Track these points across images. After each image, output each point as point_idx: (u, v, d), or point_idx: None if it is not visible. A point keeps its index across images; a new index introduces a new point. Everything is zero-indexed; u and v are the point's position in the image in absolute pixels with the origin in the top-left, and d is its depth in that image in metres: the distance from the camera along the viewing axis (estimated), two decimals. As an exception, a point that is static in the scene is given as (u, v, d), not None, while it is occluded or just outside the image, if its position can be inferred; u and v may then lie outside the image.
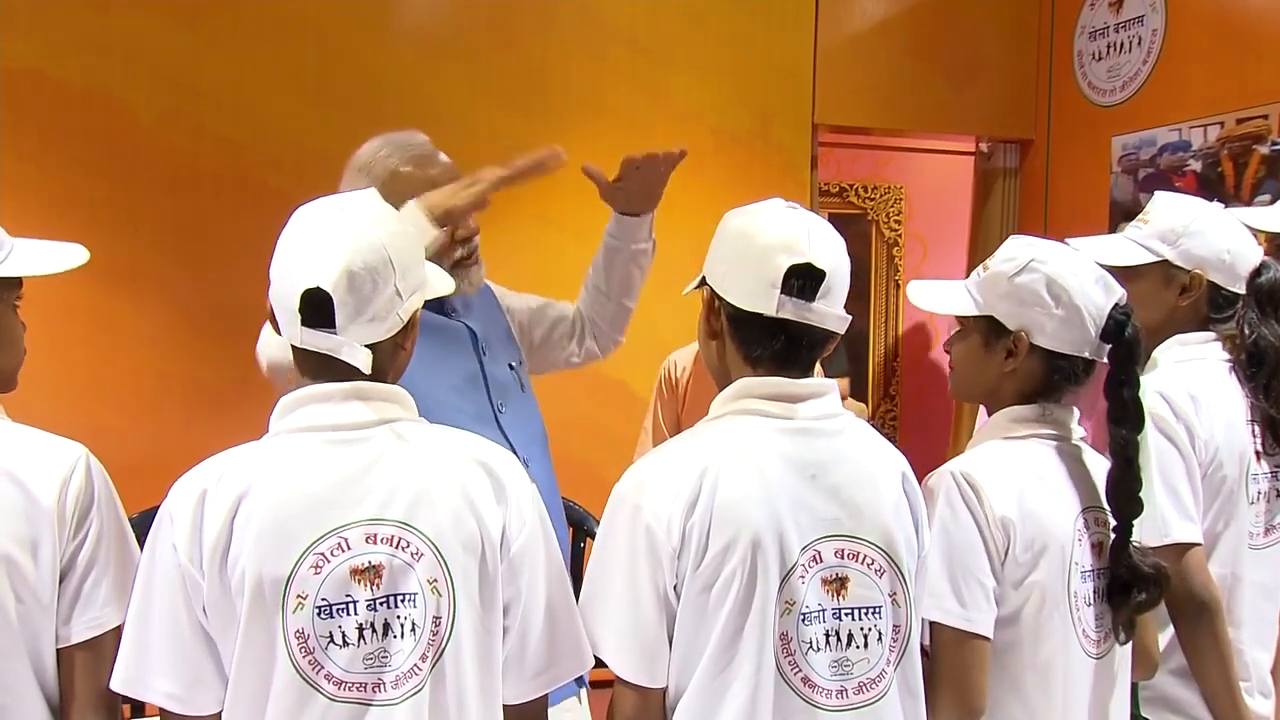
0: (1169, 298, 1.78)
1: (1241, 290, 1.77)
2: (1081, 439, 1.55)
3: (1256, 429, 1.76)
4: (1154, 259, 1.77)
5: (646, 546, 1.27)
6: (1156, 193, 1.87)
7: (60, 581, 1.27)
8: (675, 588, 1.28)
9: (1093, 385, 1.54)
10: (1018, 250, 1.52)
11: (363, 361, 1.22)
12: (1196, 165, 3.88)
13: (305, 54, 3.68)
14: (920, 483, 1.44)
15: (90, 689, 1.29)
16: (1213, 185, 3.78)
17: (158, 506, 1.24)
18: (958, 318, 1.58)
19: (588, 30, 3.97)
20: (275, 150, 3.60)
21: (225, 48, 3.60)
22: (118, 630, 1.28)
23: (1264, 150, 3.62)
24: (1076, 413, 1.55)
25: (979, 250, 4.76)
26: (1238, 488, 1.72)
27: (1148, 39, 4.11)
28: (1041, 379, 1.52)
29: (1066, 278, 1.48)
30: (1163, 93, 4.04)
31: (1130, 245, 1.79)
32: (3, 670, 1.23)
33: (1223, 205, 1.83)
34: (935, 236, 5.93)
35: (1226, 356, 1.78)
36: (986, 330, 1.54)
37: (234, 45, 3.61)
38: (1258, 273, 1.77)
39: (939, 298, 1.61)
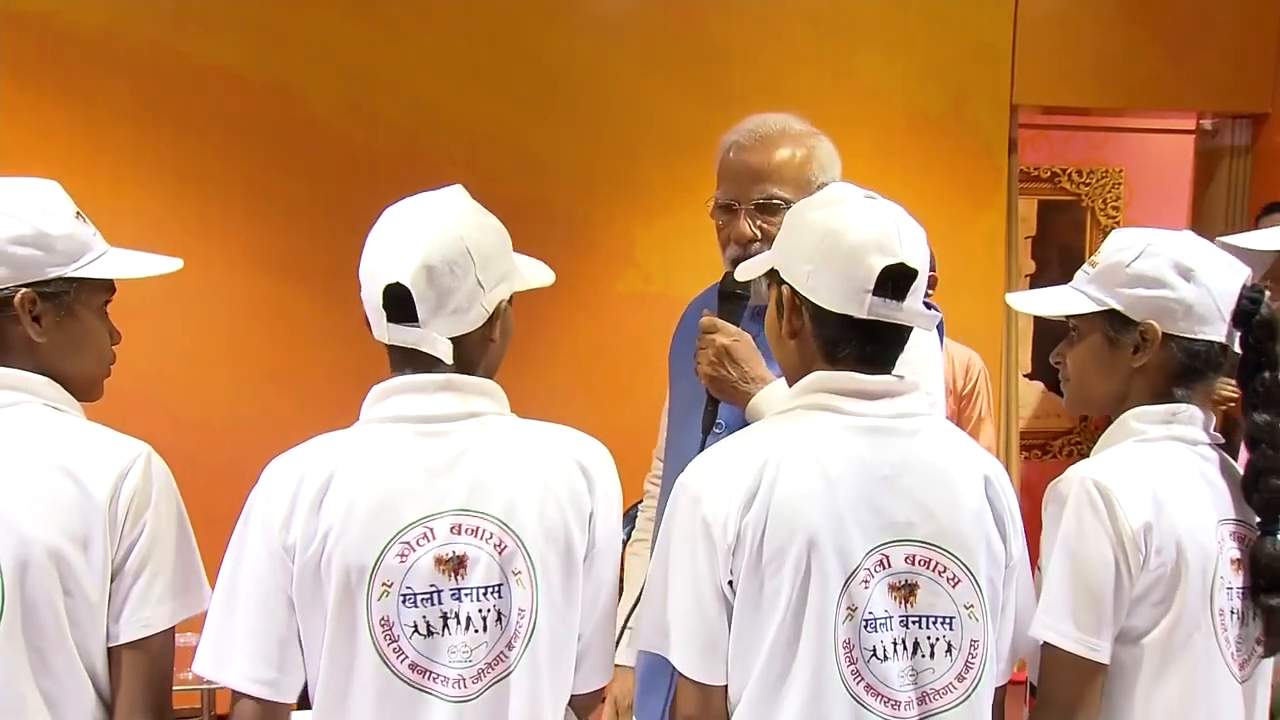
0: None
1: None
2: (1218, 445, 1.47)
3: None
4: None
5: (704, 540, 1.26)
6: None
7: (112, 579, 1.27)
8: (731, 583, 1.26)
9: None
10: (1128, 240, 1.45)
11: (444, 352, 1.25)
12: None
13: (478, 41, 3.66)
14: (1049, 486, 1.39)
15: (138, 689, 1.28)
16: None
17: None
18: (1070, 323, 1.51)
19: (769, 8, 3.82)
20: (447, 140, 3.59)
21: (399, 36, 3.60)
22: (170, 631, 1.30)
23: None
24: (1212, 416, 1.47)
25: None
26: None
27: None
28: (1177, 371, 1.43)
29: (1191, 257, 1.40)
30: None
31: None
32: (51, 664, 1.24)
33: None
34: (1156, 225, 5.45)
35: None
36: (1108, 327, 1.45)
37: (409, 34, 3.61)
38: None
39: (1047, 302, 1.53)
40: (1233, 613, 1.39)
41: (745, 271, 1.47)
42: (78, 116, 3.40)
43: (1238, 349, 1.44)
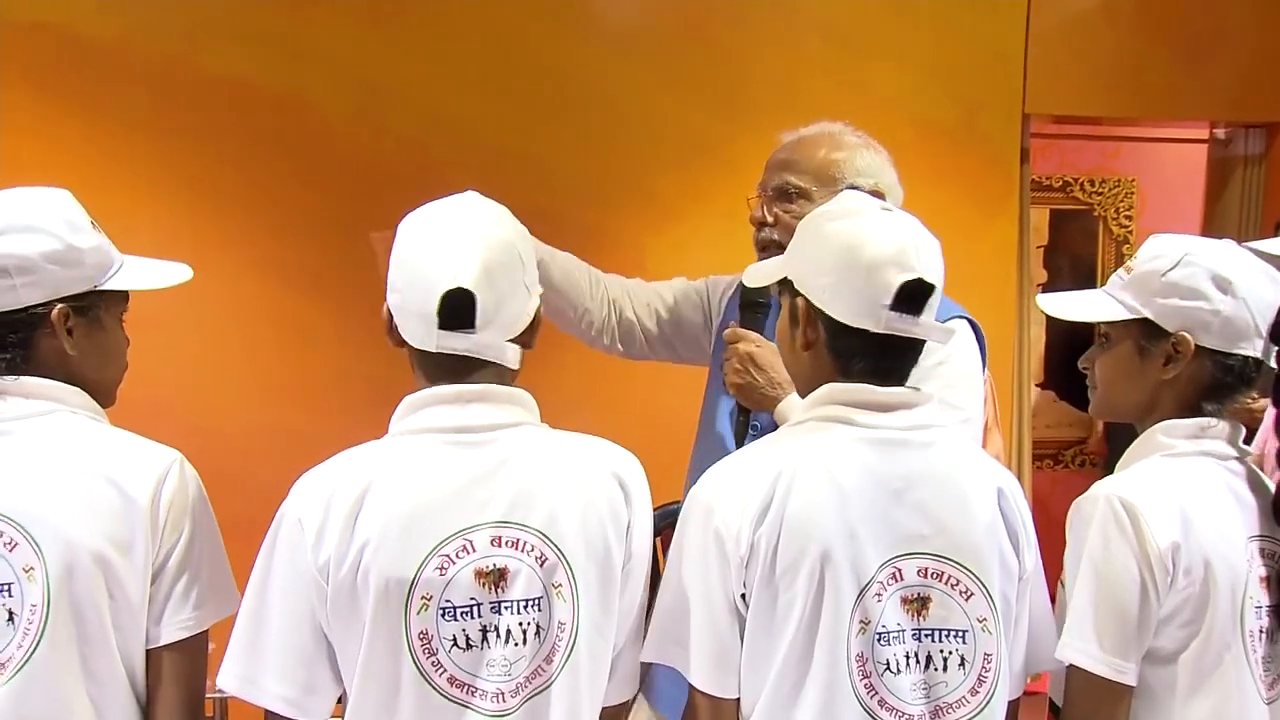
0: None
1: None
2: (1250, 458, 1.43)
3: None
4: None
5: (717, 552, 1.26)
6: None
7: (152, 583, 1.29)
8: (743, 596, 1.26)
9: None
10: (1165, 247, 1.41)
11: (513, 359, 1.24)
12: None
13: (489, 52, 3.65)
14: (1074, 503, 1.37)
15: (177, 690, 1.30)
16: None
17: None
18: (1100, 329, 1.48)
19: (780, 19, 3.80)
20: (459, 151, 3.58)
21: (411, 48, 3.60)
22: (206, 634, 1.32)
23: None
24: (1242, 429, 1.43)
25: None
26: None
27: None
28: (1208, 384, 1.39)
29: (1229, 268, 1.36)
30: None
31: None
32: (94, 668, 1.25)
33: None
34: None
35: None
36: (1140, 336, 1.42)
37: (421, 45, 3.61)
38: None
39: (1079, 306, 1.49)
40: (1261, 632, 1.36)
41: (755, 278, 1.47)
42: (92, 128, 3.41)
43: (1273, 364, 1.41)
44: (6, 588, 1.24)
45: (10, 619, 1.24)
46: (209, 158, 3.48)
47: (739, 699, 1.28)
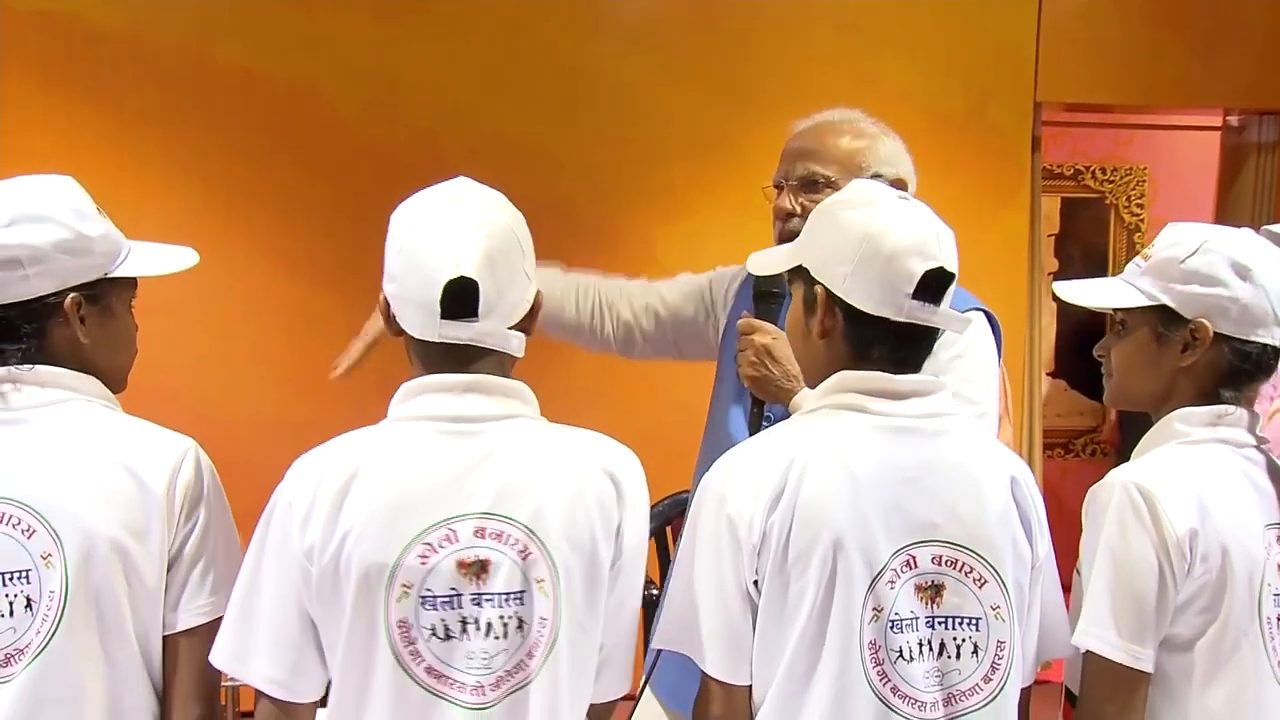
0: None
1: None
2: (1265, 446, 1.42)
3: None
4: None
5: (729, 539, 1.26)
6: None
7: (168, 569, 1.29)
8: (756, 583, 1.26)
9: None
10: (1183, 234, 1.41)
11: (517, 347, 1.23)
12: None
13: (500, 44, 3.67)
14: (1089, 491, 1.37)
15: (193, 676, 1.31)
16: None
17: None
18: (1116, 316, 1.47)
19: (791, 10, 3.80)
20: (469, 142, 3.58)
21: (423, 40, 3.62)
22: (222, 620, 1.31)
23: None
24: (1260, 417, 1.43)
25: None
26: None
27: None
28: (1226, 372, 1.39)
29: (1249, 255, 1.37)
30: None
31: None
32: (112, 654, 1.26)
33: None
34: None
35: None
36: (1157, 323, 1.41)
37: (432, 37, 3.62)
38: None
39: (1097, 293, 1.49)
40: (1278, 619, 1.36)
41: (761, 266, 1.46)
42: (99, 118, 3.43)
43: None
44: (24, 574, 1.24)
45: (29, 606, 1.24)
46: (218, 148, 3.50)
47: (751, 686, 1.28)
